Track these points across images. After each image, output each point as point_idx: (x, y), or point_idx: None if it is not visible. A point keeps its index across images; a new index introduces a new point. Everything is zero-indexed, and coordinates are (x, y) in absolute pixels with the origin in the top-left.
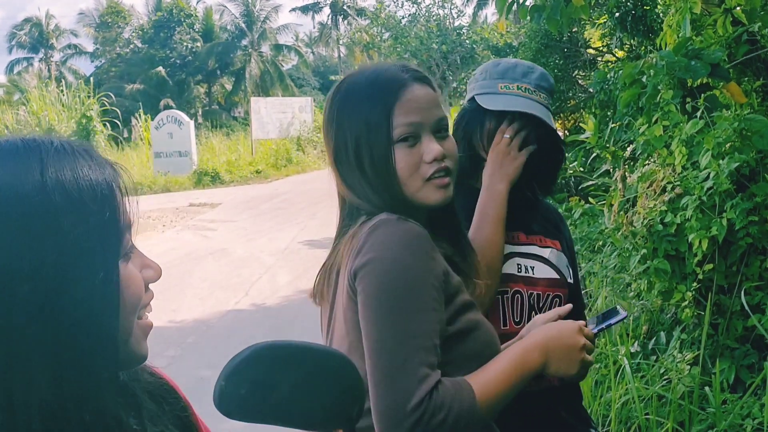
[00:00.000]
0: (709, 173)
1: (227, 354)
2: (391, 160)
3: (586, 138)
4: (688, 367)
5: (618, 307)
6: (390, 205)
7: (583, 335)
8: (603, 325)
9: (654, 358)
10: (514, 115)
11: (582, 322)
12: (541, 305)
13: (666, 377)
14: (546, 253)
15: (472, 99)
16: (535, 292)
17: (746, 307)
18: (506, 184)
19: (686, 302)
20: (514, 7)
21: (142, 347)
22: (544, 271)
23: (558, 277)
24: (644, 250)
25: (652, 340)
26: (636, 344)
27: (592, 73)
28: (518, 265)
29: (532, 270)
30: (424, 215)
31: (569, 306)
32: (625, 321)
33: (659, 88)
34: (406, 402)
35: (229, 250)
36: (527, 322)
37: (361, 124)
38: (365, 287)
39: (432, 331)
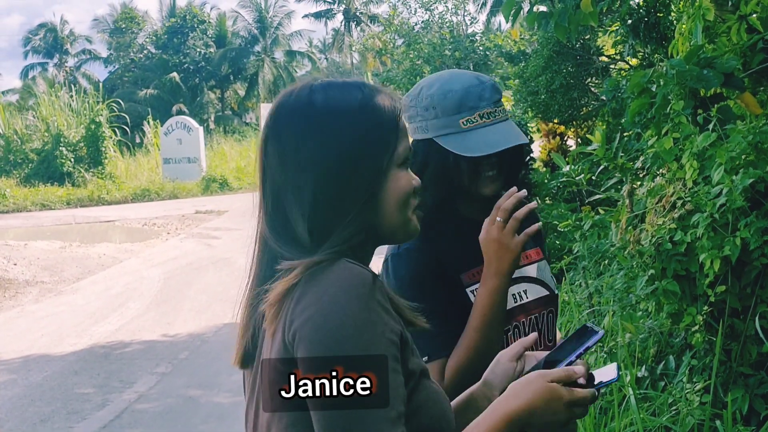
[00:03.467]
0: (722, 189)
1: (219, 372)
2: (384, 183)
3: (593, 150)
4: (698, 397)
5: (589, 325)
6: (352, 241)
7: (574, 396)
8: (580, 350)
9: (662, 384)
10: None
11: (571, 386)
12: (540, 326)
13: (674, 408)
14: (533, 270)
15: (432, 140)
16: (532, 317)
17: (760, 333)
18: (505, 280)
19: (697, 326)
20: (522, 13)
21: None
22: (536, 291)
23: (548, 293)
24: (652, 270)
25: (661, 365)
26: (643, 369)
27: (605, 81)
28: (513, 295)
29: (525, 294)
30: (370, 257)
31: (534, 335)
32: (603, 340)
33: (669, 98)
34: None
35: (232, 260)
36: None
37: (360, 139)
38: (308, 351)
39: (396, 397)
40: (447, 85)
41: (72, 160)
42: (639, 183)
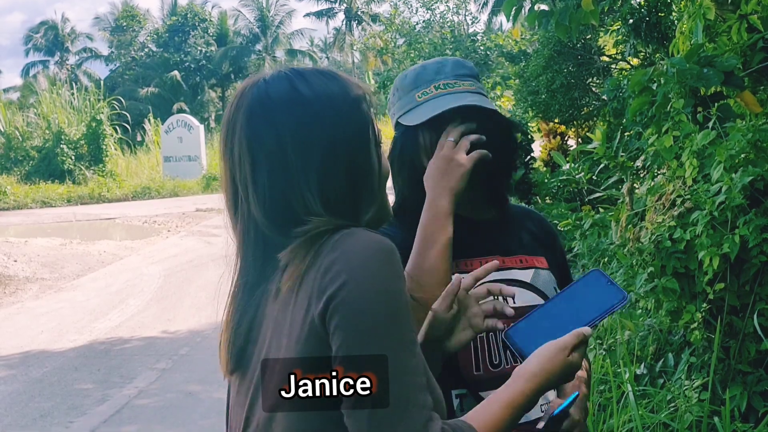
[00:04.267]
0: (721, 187)
1: (218, 368)
2: (381, 164)
3: (594, 148)
4: (697, 394)
5: (599, 272)
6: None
7: (579, 355)
8: (604, 315)
9: (661, 381)
10: (447, 118)
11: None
12: None
13: (673, 404)
14: (528, 275)
15: (398, 124)
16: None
17: (759, 331)
18: (449, 198)
19: (696, 323)
20: (523, 12)
21: None
22: (527, 298)
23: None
24: (651, 268)
25: (660, 362)
26: (642, 366)
27: (606, 81)
28: (494, 297)
29: (513, 299)
30: None
31: (495, 263)
32: (625, 305)
33: (670, 96)
34: None
35: (231, 258)
36: (507, 364)
37: (352, 124)
38: (346, 320)
39: (423, 365)
40: (410, 69)
41: (73, 157)
42: (639, 181)
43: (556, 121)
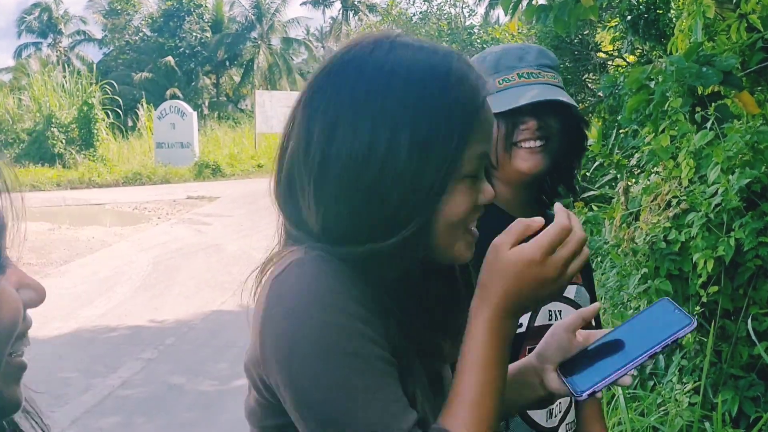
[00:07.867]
0: (718, 189)
1: (205, 359)
2: (439, 201)
3: (589, 145)
4: (687, 398)
5: (667, 303)
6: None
7: (555, 248)
8: (668, 341)
9: (651, 383)
10: (526, 110)
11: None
12: None
13: (663, 408)
14: (571, 292)
15: None
16: None
17: (752, 335)
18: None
19: None
20: (521, 6)
21: (12, 392)
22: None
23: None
24: (645, 269)
25: (651, 365)
26: None
27: (602, 77)
28: (549, 312)
29: (560, 315)
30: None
31: (597, 305)
32: (692, 330)
33: (668, 95)
34: None
35: (222, 246)
36: None
37: (418, 136)
38: (288, 386)
39: (393, 395)
40: (487, 52)
41: (63, 141)
42: (634, 180)
43: None
